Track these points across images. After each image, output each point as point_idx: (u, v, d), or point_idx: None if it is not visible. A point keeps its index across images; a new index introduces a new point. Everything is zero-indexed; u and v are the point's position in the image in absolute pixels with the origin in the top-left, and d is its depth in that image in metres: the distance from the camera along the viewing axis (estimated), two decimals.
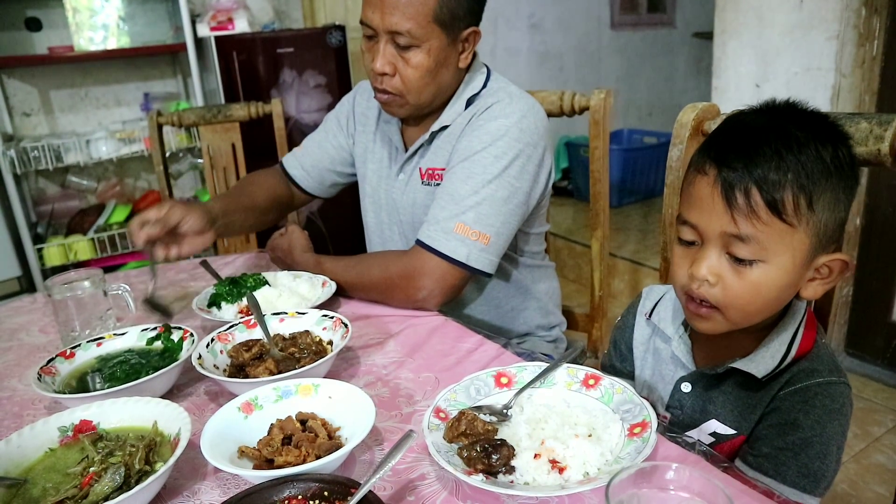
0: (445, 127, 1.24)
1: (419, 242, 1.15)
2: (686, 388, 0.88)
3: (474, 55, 1.25)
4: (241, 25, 3.02)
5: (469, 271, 1.14)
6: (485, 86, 1.25)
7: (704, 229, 0.73)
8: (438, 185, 1.23)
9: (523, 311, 1.35)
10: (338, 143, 1.44)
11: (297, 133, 3.20)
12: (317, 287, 1.22)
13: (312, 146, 1.47)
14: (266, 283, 1.22)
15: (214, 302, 1.18)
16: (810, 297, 0.77)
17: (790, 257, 0.72)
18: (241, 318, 1.08)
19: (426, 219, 1.18)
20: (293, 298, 1.18)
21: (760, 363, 0.79)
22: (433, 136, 1.26)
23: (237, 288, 1.20)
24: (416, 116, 1.26)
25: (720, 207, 0.71)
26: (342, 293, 1.22)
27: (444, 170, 1.23)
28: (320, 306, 1.12)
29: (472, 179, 1.14)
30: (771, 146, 0.70)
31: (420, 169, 1.27)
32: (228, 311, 1.17)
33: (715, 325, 0.77)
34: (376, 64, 1.15)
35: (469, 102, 1.24)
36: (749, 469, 0.79)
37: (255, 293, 1.17)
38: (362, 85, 1.44)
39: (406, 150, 1.30)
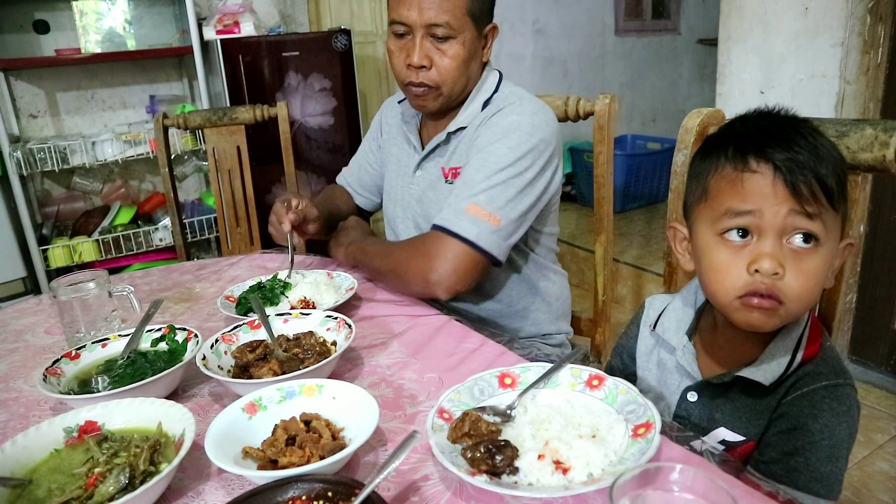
0: (462, 128, 1.29)
1: (433, 226, 1.19)
2: (692, 397, 0.88)
3: None
4: (246, 29, 3.04)
5: (480, 253, 1.15)
6: (497, 89, 1.30)
7: (768, 219, 0.72)
8: None
9: (533, 312, 1.36)
10: (374, 157, 1.53)
11: (302, 136, 3.21)
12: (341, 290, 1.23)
13: (355, 165, 1.58)
14: (289, 286, 1.23)
15: (247, 309, 1.17)
16: (828, 285, 0.79)
17: (834, 242, 0.75)
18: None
19: (443, 207, 1.22)
20: (330, 291, 1.22)
21: (767, 370, 0.79)
22: (449, 136, 1.30)
23: (263, 292, 1.21)
24: (443, 110, 1.31)
25: (783, 196, 0.71)
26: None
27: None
28: (343, 306, 1.14)
29: (486, 167, 1.19)
30: (806, 139, 0.73)
31: (443, 169, 1.32)
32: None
33: (775, 320, 0.76)
34: (413, 58, 1.21)
35: (485, 104, 1.28)
36: (761, 476, 0.79)
37: (293, 288, 1.22)
38: (388, 101, 1.53)
39: (423, 148, 1.36)
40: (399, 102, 1.44)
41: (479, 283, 1.22)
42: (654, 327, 0.95)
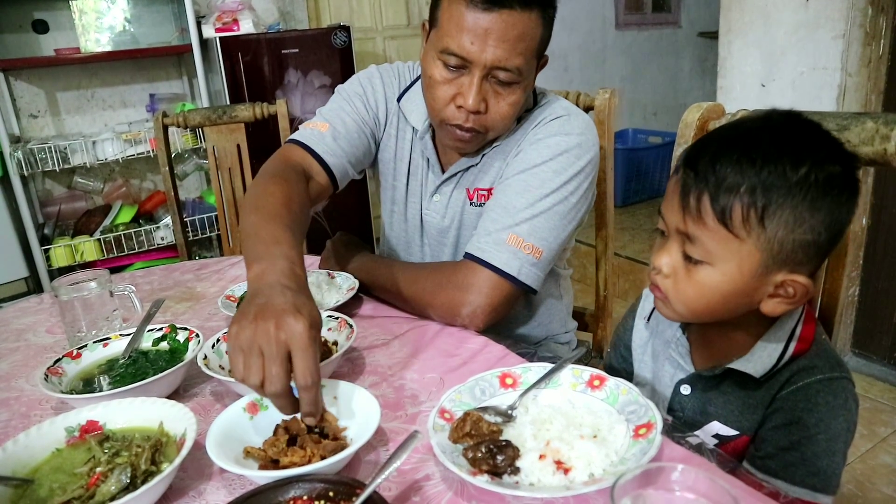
0: (495, 146, 1.18)
1: (468, 255, 1.09)
2: (685, 390, 0.88)
3: None
4: (246, 26, 3.03)
5: (518, 286, 1.07)
6: (535, 101, 1.19)
7: (667, 223, 0.78)
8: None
9: (548, 324, 1.33)
10: (364, 131, 1.25)
11: None
12: (343, 289, 1.23)
13: (348, 131, 1.22)
14: None
15: None
16: (769, 312, 0.76)
17: (736, 266, 0.73)
18: None
19: (476, 232, 1.12)
20: (332, 292, 1.21)
21: (758, 363, 0.79)
22: (483, 156, 1.19)
23: None
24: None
25: (676, 206, 0.75)
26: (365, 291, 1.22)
27: (491, 189, 1.17)
28: (344, 305, 1.13)
29: (529, 192, 1.08)
30: (734, 157, 0.70)
31: (468, 190, 1.21)
32: None
33: (669, 312, 0.82)
34: (469, 100, 1.04)
35: (520, 118, 1.17)
36: (758, 472, 0.79)
37: None
38: (385, 76, 1.27)
39: (443, 170, 1.23)
40: (398, 100, 1.26)
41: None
42: (649, 319, 0.95)
